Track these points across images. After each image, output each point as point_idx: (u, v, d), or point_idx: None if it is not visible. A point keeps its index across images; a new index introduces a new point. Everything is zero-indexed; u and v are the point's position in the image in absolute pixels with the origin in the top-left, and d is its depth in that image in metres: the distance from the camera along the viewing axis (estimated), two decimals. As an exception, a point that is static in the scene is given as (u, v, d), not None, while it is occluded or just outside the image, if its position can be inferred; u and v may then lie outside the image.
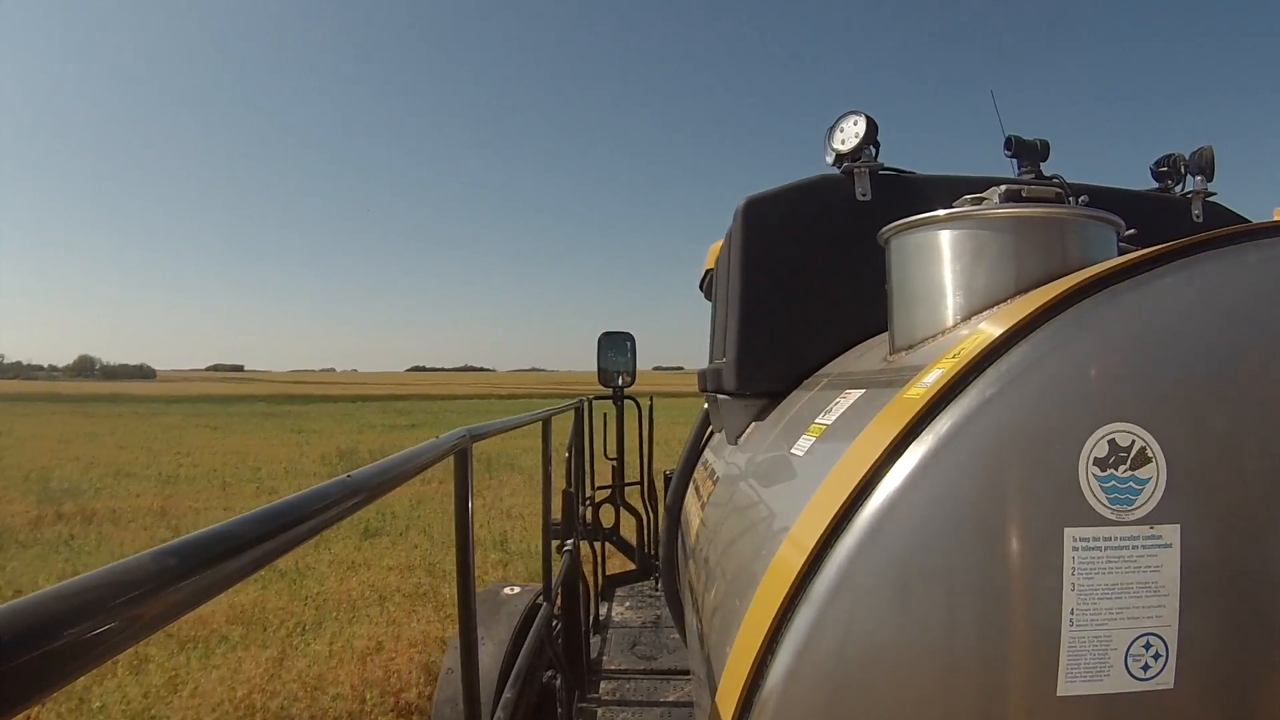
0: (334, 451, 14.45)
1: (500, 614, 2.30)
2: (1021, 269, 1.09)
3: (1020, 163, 1.71)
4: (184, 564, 0.39)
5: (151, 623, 0.36)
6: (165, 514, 8.52)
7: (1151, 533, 0.77)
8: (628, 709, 2.98)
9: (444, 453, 1.09)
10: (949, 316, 1.13)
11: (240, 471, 12.12)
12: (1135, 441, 0.78)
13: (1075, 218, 1.12)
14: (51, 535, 7.39)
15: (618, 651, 3.56)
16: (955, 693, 0.78)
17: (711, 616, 1.24)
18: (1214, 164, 2.01)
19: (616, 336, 4.49)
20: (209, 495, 9.80)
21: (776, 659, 0.82)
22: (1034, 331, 0.84)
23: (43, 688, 0.29)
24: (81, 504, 8.80)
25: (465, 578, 1.25)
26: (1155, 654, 0.77)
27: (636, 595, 4.41)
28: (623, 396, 4.46)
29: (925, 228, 1.18)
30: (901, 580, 0.79)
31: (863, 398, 1.13)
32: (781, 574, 0.87)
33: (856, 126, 1.81)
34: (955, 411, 0.82)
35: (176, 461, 13.42)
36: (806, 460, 1.13)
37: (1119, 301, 0.83)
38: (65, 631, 0.30)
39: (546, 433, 2.30)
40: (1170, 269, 0.84)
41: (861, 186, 1.83)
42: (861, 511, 0.82)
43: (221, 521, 0.46)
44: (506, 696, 1.65)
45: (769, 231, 1.83)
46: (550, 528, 2.51)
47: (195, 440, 17.91)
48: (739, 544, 1.25)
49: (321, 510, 0.59)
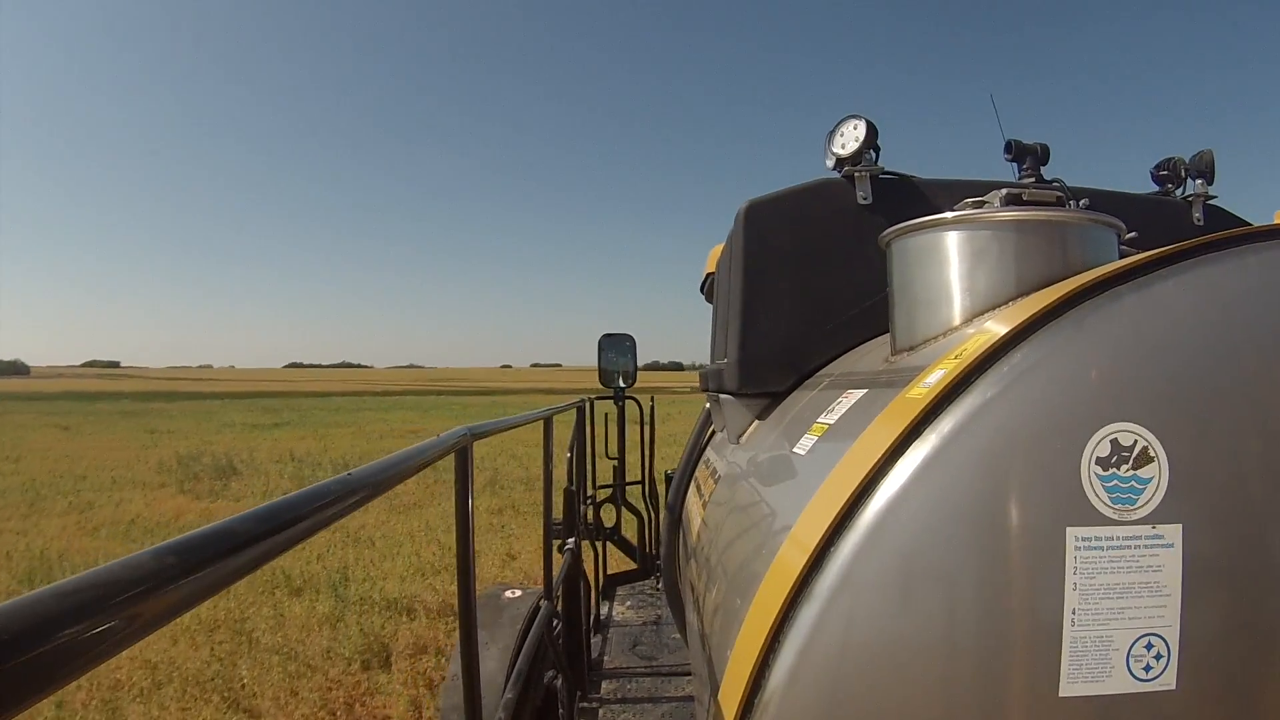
0: (174, 456, 12.84)
1: (504, 617, 2.29)
2: (1023, 272, 1.09)
3: (1020, 167, 1.71)
4: (184, 562, 0.38)
5: (151, 622, 0.35)
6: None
7: (1153, 532, 0.78)
8: (629, 708, 2.98)
9: (444, 451, 1.09)
10: (951, 318, 1.13)
11: (63, 482, 10.50)
12: (1137, 441, 0.78)
13: (1076, 221, 1.13)
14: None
15: (619, 651, 3.56)
16: (957, 693, 0.78)
17: (713, 616, 1.24)
18: (1214, 167, 2.02)
19: (617, 338, 4.51)
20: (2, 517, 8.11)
21: (778, 658, 0.82)
22: (1036, 333, 0.85)
23: (42, 687, 0.29)
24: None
25: (466, 579, 1.24)
26: (1157, 654, 0.77)
27: (637, 595, 4.41)
28: (623, 396, 4.47)
29: (927, 231, 1.19)
30: (903, 580, 0.79)
31: (865, 398, 1.13)
32: (783, 573, 0.87)
33: (856, 131, 1.82)
34: (957, 411, 0.82)
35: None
36: (808, 460, 1.13)
37: (1121, 304, 0.84)
38: (65, 631, 0.30)
39: (548, 432, 2.30)
40: (1171, 272, 0.84)
41: (862, 190, 1.84)
42: (863, 511, 0.82)
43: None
44: (507, 697, 1.65)
45: (770, 235, 1.84)
46: (551, 527, 2.51)
47: (38, 441, 16.37)
48: (740, 543, 1.26)
49: (321, 509, 0.59)
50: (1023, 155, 1.70)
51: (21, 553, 6.41)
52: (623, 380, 4.42)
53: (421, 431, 19.57)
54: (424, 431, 19.55)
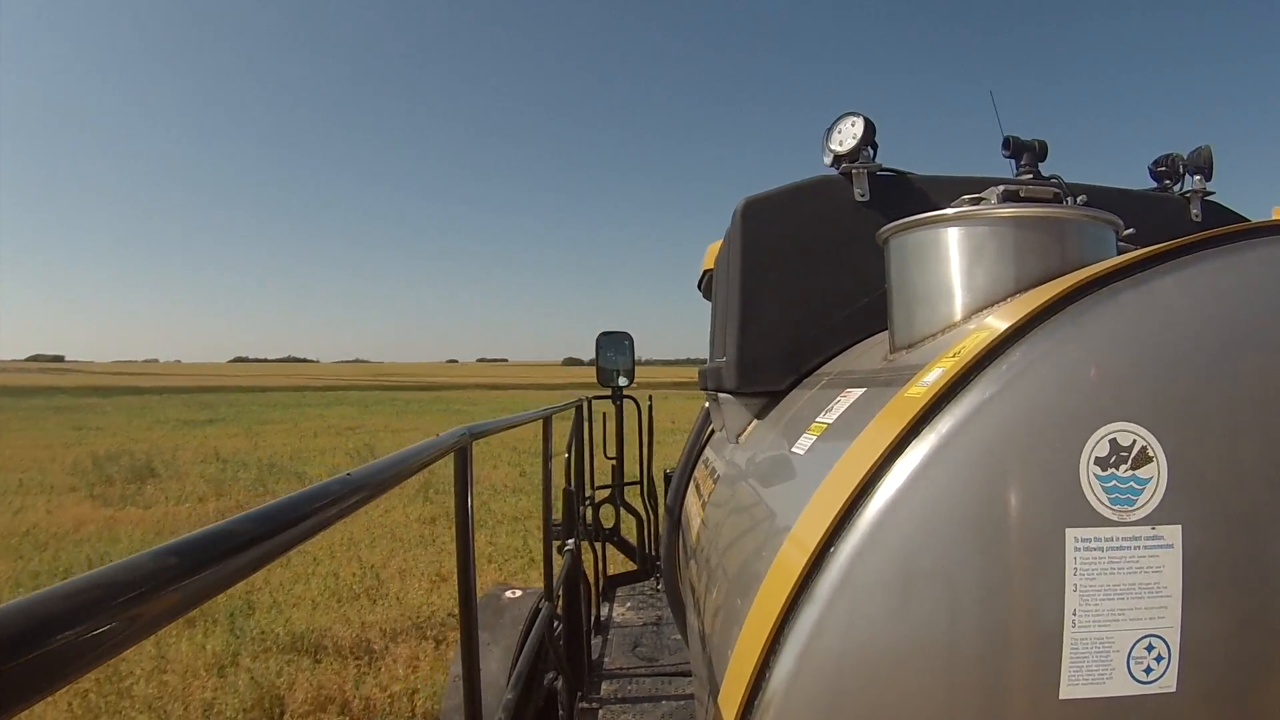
0: (90, 457, 12.02)
1: (504, 618, 2.29)
2: (1021, 268, 1.09)
3: (1018, 163, 1.71)
4: (184, 563, 0.38)
5: (152, 623, 0.35)
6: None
7: (1153, 533, 0.77)
8: (629, 709, 2.97)
9: (444, 451, 1.09)
10: (949, 316, 1.13)
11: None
12: (1136, 441, 0.78)
13: (1074, 217, 1.12)
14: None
15: (619, 652, 3.56)
16: (958, 694, 0.78)
17: (713, 616, 1.24)
18: (1212, 163, 2.01)
19: (615, 336, 4.49)
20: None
21: (779, 659, 0.82)
22: (1034, 330, 0.84)
23: (42, 687, 0.29)
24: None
25: (466, 579, 1.24)
26: (1158, 656, 0.77)
27: (638, 595, 4.41)
28: (622, 396, 4.46)
29: (924, 228, 1.19)
30: (903, 580, 0.79)
31: (863, 396, 1.13)
32: (784, 574, 0.87)
33: (854, 128, 1.82)
34: (956, 410, 0.82)
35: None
36: (808, 459, 1.13)
37: (1118, 301, 0.83)
38: (65, 631, 0.30)
39: (547, 432, 2.30)
40: (1169, 268, 0.84)
41: (860, 187, 1.83)
42: (863, 511, 0.82)
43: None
44: (508, 698, 1.65)
45: (768, 232, 1.84)
46: (551, 527, 2.51)
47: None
48: (740, 543, 1.25)
49: (322, 508, 0.59)
50: (1020, 151, 1.69)
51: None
52: (621, 379, 4.41)
53: (359, 429, 18.90)
54: (361, 429, 18.98)
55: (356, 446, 13.57)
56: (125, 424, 20.66)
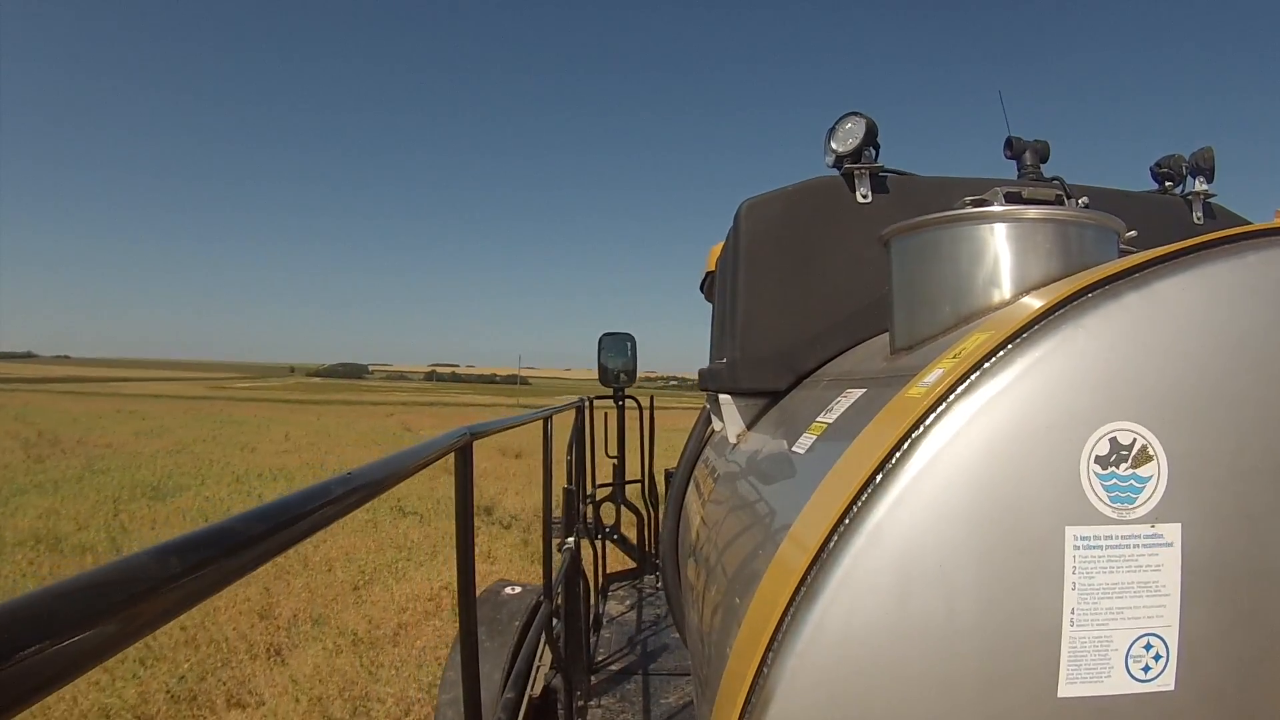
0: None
1: (503, 614, 2.29)
2: (1022, 270, 1.09)
3: (1020, 164, 1.71)
4: (184, 562, 0.38)
5: (152, 621, 0.35)
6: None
7: (1153, 531, 0.77)
8: (628, 707, 2.98)
9: (444, 451, 1.09)
10: (950, 317, 1.13)
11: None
12: (1137, 440, 0.78)
13: (1076, 219, 1.13)
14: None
15: (618, 650, 3.56)
16: (957, 692, 0.78)
17: (712, 615, 1.24)
18: (1214, 165, 2.01)
19: (617, 337, 4.50)
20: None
21: (778, 658, 0.82)
22: (1035, 332, 0.84)
23: (42, 687, 0.28)
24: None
25: (466, 577, 1.24)
26: (1156, 655, 0.77)
27: (637, 594, 4.42)
28: (623, 395, 4.47)
29: (927, 229, 1.19)
30: (903, 580, 0.79)
31: (864, 397, 1.13)
32: (783, 573, 0.87)
33: (856, 128, 1.82)
34: (957, 411, 0.82)
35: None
36: (808, 459, 1.13)
37: (1120, 303, 0.83)
38: (65, 631, 0.29)
39: (547, 431, 2.30)
40: (1171, 270, 0.84)
41: (861, 188, 1.83)
42: (863, 511, 0.82)
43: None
44: (507, 696, 1.65)
45: (770, 233, 1.84)
46: (551, 525, 2.51)
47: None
48: (740, 542, 1.26)
49: (322, 507, 0.59)
50: (1022, 153, 1.70)
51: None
52: (622, 379, 4.42)
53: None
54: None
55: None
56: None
